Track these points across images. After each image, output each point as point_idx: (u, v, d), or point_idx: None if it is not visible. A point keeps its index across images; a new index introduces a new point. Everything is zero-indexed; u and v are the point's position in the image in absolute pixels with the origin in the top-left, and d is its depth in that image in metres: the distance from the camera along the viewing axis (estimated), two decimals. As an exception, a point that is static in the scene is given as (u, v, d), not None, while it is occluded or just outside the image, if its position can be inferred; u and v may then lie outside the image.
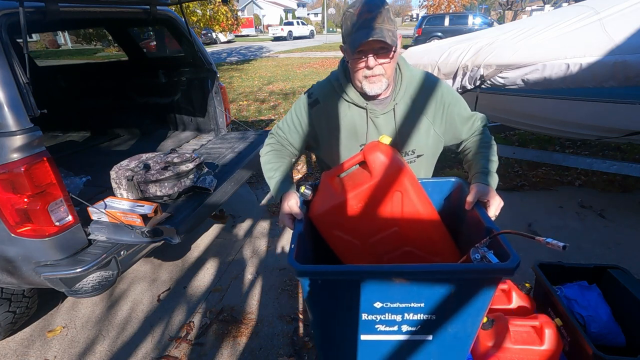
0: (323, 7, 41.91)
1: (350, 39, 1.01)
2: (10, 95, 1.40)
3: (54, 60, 15.43)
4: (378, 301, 0.86)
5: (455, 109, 1.20)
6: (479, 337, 1.40)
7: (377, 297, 0.85)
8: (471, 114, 1.24)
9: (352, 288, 0.84)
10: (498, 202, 1.09)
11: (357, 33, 0.98)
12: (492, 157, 1.17)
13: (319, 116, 1.19)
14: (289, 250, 0.90)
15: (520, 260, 0.78)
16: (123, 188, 1.98)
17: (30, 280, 1.63)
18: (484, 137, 1.23)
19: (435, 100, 1.17)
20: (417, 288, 0.83)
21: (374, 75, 1.04)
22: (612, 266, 1.65)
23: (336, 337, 0.96)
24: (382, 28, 0.97)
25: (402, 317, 0.88)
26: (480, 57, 2.57)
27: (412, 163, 1.22)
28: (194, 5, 10.22)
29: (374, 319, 0.89)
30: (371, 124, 1.16)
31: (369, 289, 0.84)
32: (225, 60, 15.43)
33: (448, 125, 1.21)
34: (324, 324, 0.95)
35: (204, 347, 1.90)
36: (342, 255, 1.11)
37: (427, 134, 1.19)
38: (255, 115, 6.28)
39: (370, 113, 1.15)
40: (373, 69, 1.03)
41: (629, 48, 2.11)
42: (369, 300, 0.86)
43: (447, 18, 14.96)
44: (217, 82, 2.99)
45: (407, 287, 0.83)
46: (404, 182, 0.98)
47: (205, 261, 2.60)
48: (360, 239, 1.06)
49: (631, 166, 2.74)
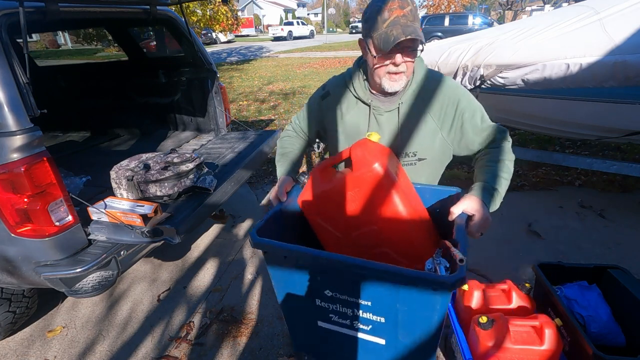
0: (323, 7, 41.92)
1: (380, 35, 0.97)
2: (10, 95, 1.40)
3: (54, 60, 15.43)
4: (328, 289, 0.89)
5: (470, 117, 1.12)
6: (479, 337, 1.41)
7: (327, 285, 0.89)
8: (488, 125, 1.15)
9: (302, 269, 0.89)
10: (483, 220, 0.97)
11: (391, 30, 0.95)
12: (499, 173, 1.06)
13: (327, 108, 1.23)
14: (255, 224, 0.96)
15: (460, 279, 0.74)
16: (123, 188, 1.98)
17: (30, 280, 1.63)
18: (498, 151, 1.12)
19: (448, 105, 1.11)
20: (362, 284, 0.85)
21: (397, 73, 1.04)
22: (612, 266, 1.65)
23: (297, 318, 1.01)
24: (415, 27, 0.95)
25: (353, 312, 0.90)
26: (480, 57, 2.57)
27: (412, 166, 1.18)
28: (194, 5, 10.22)
29: (327, 306, 0.92)
30: (373, 121, 1.16)
31: (317, 274, 0.88)
32: (225, 60, 15.43)
33: (459, 133, 1.14)
34: (284, 302, 1.00)
35: (204, 347, 1.90)
36: (325, 245, 1.14)
37: (433, 138, 1.14)
38: (255, 115, 6.28)
39: (373, 110, 1.15)
40: (399, 66, 1.02)
41: (629, 48, 2.11)
42: (319, 286, 0.90)
43: (447, 18, 14.96)
44: (217, 82, 2.99)
45: (353, 281, 0.85)
46: (384, 182, 0.95)
47: (205, 261, 2.60)
48: (341, 232, 1.08)
49: (631, 166, 2.74)
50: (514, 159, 1.12)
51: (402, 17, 0.95)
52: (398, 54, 1.00)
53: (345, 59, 13.05)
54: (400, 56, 1.00)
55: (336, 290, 0.88)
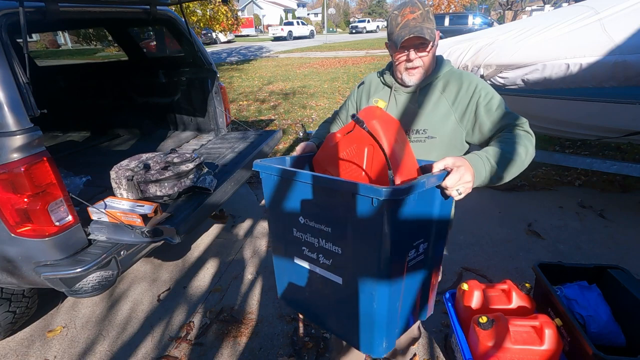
0: (323, 7, 41.92)
1: (394, 37, 1.15)
2: (10, 95, 1.40)
3: (54, 60, 15.42)
4: (301, 216, 0.97)
5: (484, 102, 1.16)
6: (479, 337, 1.41)
7: (301, 211, 0.97)
8: (504, 111, 1.15)
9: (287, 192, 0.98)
10: (460, 175, 0.90)
11: (400, 31, 1.12)
12: (504, 151, 1.02)
13: (361, 94, 1.41)
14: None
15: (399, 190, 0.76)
16: (123, 188, 1.98)
17: (30, 280, 1.63)
18: (511, 135, 1.08)
19: (464, 90, 1.19)
20: (324, 208, 0.92)
21: (413, 68, 1.18)
22: (612, 266, 1.65)
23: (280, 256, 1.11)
24: (422, 27, 1.10)
25: (318, 241, 0.96)
26: (480, 57, 2.57)
27: (421, 142, 1.22)
28: (194, 5, 10.22)
29: (300, 237, 1.00)
30: (392, 100, 1.30)
31: (296, 199, 0.97)
32: (225, 60, 15.43)
33: (473, 118, 1.18)
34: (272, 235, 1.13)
35: (204, 347, 1.90)
36: None
37: (445, 119, 1.20)
38: (255, 115, 6.28)
39: (394, 91, 1.29)
40: (413, 61, 1.17)
41: (629, 48, 2.11)
42: (296, 212, 0.98)
43: (447, 18, 14.96)
44: (217, 82, 2.99)
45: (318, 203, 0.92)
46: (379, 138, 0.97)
47: (205, 261, 2.60)
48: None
49: (631, 166, 2.74)
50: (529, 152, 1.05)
51: (412, 20, 1.11)
52: (411, 50, 1.15)
53: (345, 59, 13.05)
54: (414, 52, 1.16)
55: (307, 216, 0.96)
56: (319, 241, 0.96)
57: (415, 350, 1.81)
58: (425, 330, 1.91)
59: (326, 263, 0.98)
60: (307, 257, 1.02)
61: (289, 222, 1.03)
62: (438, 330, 1.92)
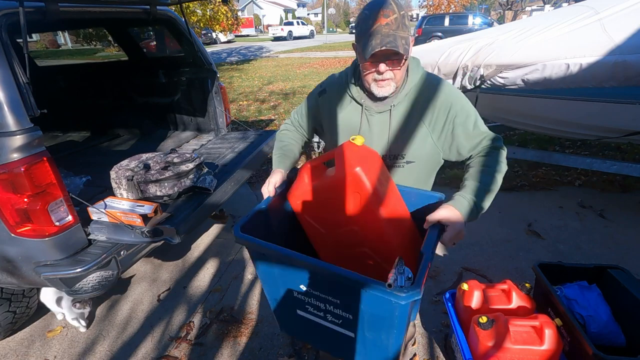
0: (323, 7, 41.92)
1: (363, 43, 0.99)
2: (10, 95, 1.40)
3: (54, 60, 15.42)
4: (302, 284, 0.94)
5: (461, 122, 1.10)
6: (479, 337, 1.41)
7: (301, 281, 0.94)
8: (481, 132, 1.12)
9: (280, 264, 0.95)
10: (456, 232, 0.97)
11: (371, 39, 0.96)
12: (484, 186, 1.04)
13: (323, 105, 1.26)
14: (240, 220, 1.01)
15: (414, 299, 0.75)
16: (123, 188, 1.98)
17: (30, 280, 1.63)
18: (488, 159, 1.08)
19: (440, 109, 1.10)
20: (331, 284, 0.89)
21: (383, 80, 1.05)
22: (612, 266, 1.65)
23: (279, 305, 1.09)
24: (397, 36, 0.95)
25: (325, 306, 0.95)
26: (480, 57, 2.57)
27: (401, 168, 1.18)
28: (194, 5, 10.22)
29: (303, 299, 0.98)
30: (365, 121, 1.17)
31: (291, 270, 0.94)
32: (225, 60, 15.43)
33: (450, 138, 1.13)
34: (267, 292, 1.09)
35: (204, 347, 1.90)
36: (312, 239, 1.18)
37: (423, 142, 1.14)
38: (255, 115, 6.28)
39: (365, 110, 1.16)
40: (383, 73, 1.03)
41: (629, 48, 2.11)
42: (295, 281, 0.95)
43: (447, 18, 14.94)
44: (217, 82, 2.99)
45: (324, 281, 0.90)
46: (363, 186, 0.96)
47: (205, 261, 2.60)
48: (326, 229, 1.12)
49: (631, 166, 2.74)
50: (505, 170, 1.09)
51: (384, 26, 0.95)
52: (382, 63, 1.00)
53: (345, 59, 13.04)
54: (384, 65, 1.01)
55: (310, 286, 0.93)
56: (326, 306, 0.93)
57: (415, 350, 1.81)
58: (425, 330, 1.92)
59: (335, 321, 0.95)
60: (313, 313, 0.99)
61: (287, 284, 0.98)
62: (438, 330, 1.92)
